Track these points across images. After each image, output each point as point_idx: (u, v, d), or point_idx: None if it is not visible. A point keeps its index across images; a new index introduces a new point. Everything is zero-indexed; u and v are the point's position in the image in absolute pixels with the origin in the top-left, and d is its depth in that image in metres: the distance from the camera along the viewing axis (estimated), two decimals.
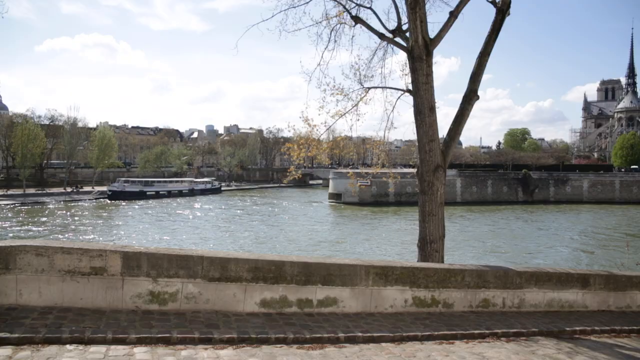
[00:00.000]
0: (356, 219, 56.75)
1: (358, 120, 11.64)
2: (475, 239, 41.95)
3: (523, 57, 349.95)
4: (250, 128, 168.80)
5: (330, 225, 52.12)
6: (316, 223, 52.26)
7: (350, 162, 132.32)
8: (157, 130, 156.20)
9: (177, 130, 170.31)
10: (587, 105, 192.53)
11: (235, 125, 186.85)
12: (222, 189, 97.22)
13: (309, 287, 6.68)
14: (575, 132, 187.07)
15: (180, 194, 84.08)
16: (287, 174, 12.60)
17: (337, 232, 46.27)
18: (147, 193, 78.09)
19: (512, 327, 7.11)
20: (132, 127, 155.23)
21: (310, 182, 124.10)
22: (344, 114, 11.41)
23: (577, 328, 7.52)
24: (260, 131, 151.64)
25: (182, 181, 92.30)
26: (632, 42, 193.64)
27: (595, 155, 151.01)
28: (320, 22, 11.21)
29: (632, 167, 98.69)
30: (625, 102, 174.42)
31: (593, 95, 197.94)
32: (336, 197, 74.67)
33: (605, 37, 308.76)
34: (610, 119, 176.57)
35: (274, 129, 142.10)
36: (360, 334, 6.05)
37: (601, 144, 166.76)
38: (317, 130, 11.62)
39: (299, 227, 48.51)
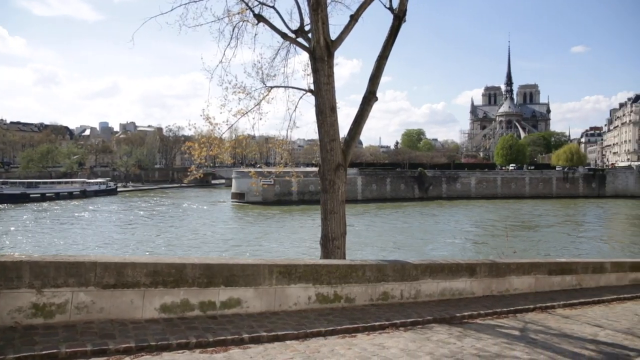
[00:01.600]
0: (260, 218, 56.49)
1: (261, 119, 11.60)
2: (376, 235, 43.75)
3: (420, 63, 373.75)
4: (149, 126, 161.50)
5: (233, 225, 51.35)
6: (219, 223, 51.21)
7: (253, 161, 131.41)
8: (42, 127, 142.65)
9: (67, 127, 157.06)
10: (473, 109, 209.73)
11: (133, 123, 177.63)
12: (119, 190, 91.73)
13: (211, 289, 6.52)
14: (464, 133, 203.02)
15: (70, 196, 77.76)
16: (188, 173, 12.19)
17: (240, 232, 45.71)
18: (31, 195, 71.18)
19: (410, 317, 7.51)
20: (12, 123, 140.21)
21: (213, 181, 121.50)
22: (247, 112, 11.30)
23: (466, 313, 8.14)
24: (160, 129, 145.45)
25: (72, 182, 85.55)
26: (509, 53, 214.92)
27: (481, 154, 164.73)
28: (222, 19, 11.00)
29: (511, 165, 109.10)
30: (504, 107, 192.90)
31: (479, 100, 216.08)
32: (239, 196, 73.77)
33: (490, 47, 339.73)
34: (493, 121, 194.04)
35: (175, 127, 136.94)
36: (264, 334, 6.02)
37: (486, 144, 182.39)
38: (219, 128, 11.39)
39: (201, 228, 47.21)
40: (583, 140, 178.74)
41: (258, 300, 6.94)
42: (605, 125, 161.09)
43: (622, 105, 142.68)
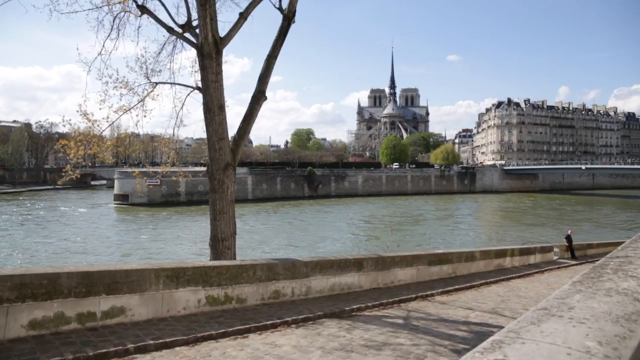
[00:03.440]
0: (145, 220, 53.62)
1: (145, 116, 11.07)
2: (267, 234, 43.72)
3: (310, 63, 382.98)
4: (15, 121, 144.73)
5: (116, 229, 48.12)
6: (101, 228, 47.65)
7: (138, 160, 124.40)
8: None
9: None
10: (360, 110, 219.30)
11: None
12: None
13: (90, 298, 6.06)
14: (351, 133, 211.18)
15: None
16: (63, 174, 11.17)
17: (125, 235, 42.98)
18: None
19: (301, 314, 7.65)
20: None
21: (93, 182, 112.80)
22: (129, 109, 10.69)
23: (355, 306, 8.49)
24: (29, 125, 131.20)
25: None
26: (392, 58, 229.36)
27: (367, 154, 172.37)
28: (101, 7, 10.27)
29: (395, 164, 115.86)
30: (388, 109, 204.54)
31: (365, 102, 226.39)
32: (123, 198, 69.27)
33: (376, 51, 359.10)
34: (378, 122, 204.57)
35: (47, 124, 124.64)
36: (152, 342, 5.74)
37: (372, 144, 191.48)
38: (98, 125, 10.63)
39: (80, 233, 43.53)
40: (457, 141, 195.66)
41: (144, 307, 6.60)
42: (475, 127, 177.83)
43: (488, 110, 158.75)
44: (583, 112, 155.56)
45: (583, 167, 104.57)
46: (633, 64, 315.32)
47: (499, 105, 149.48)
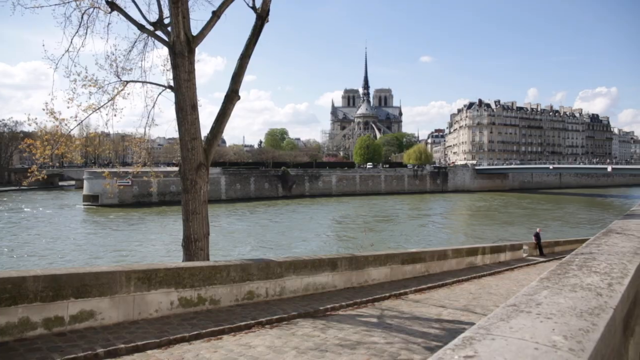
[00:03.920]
0: (116, 222, 52.53)
1: (115, 115, 10.85)
2: (241, 234, 43.44)
3: (284, 63, 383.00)
4: None
5: (86, 230, 46.99)
6: (69, 229, 46.44)
7: (108, 160, 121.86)
8: None
9: None
10: (334, 110, 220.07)
11: None
12: None
13: (58, 302, 5.90)
14: (325, 133, 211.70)
15: None
16: (29, 174, 10.85)
17: (96, 238, 42.00)
18: None
19: (275, 314, 7.62)
20: None
21: (61, 183, 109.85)
22: (99, 108, 10.45)
23: (329, 306, 8.51)
24: None
25: None
26: (366, 59, 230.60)
27: (341, 153, 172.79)
28: (68, 3, 10.01)
29: (368, 164, 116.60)
30: (362, 109, 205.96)
31: (339, 102, 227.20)
32: (92, 199, 67.72)
33: (350, 52, 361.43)
34: (352, 122, 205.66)
35: (11, 122, 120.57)
36: (122, 346, 5.63)
37: (345, 144, 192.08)
38: (66, 124, 10.36)
39: (48, 235, 42.35)
40: (429, 141, 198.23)
41: (115, 310, 6.47)
42: (447, 128, 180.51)
43: (460, 110, 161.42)
44: (551, 114, 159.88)
45: (551, 166, 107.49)
46: (597, 67, 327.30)
47: (470, 106, 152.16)
